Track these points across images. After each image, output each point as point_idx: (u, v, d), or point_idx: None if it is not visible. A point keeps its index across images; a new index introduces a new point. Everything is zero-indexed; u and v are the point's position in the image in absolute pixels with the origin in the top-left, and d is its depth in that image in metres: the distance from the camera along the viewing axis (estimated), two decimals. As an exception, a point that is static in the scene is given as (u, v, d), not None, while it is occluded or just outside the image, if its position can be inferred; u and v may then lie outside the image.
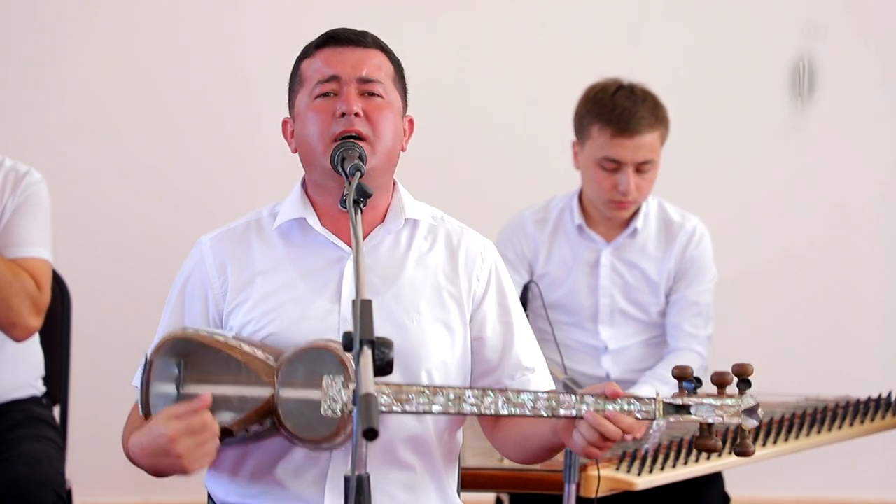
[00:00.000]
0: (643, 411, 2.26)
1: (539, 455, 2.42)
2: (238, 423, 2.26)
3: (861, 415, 3.44)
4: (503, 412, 2.26)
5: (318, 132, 2.38)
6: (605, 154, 3.53)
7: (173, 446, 2.19)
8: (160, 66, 4.76)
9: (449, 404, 2.24)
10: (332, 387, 2.25)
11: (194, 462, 2.20)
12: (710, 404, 2.29)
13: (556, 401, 2.25)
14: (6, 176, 3.27)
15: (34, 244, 3.23)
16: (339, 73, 2.40)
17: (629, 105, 3.52)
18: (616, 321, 3.69)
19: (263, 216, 2.49)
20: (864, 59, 4.87)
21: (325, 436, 2.25)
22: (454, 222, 2.53)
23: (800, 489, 4.92)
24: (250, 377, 2.28)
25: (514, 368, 2.45)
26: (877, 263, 4.96)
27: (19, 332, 3.19)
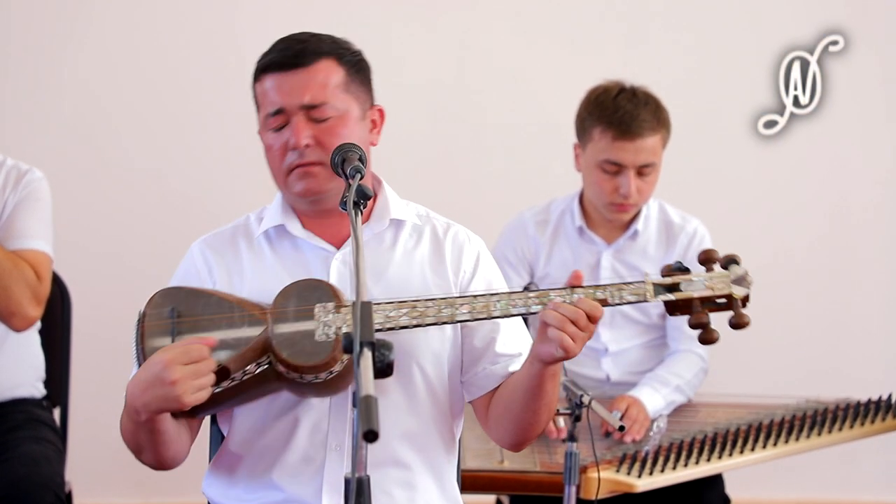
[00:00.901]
0: (634, 294, 2.29)
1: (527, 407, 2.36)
2: (234, 361, 2.24)
3: (861, 417, 3.44)
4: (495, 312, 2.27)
5: (275, 166, 2.42)
6: (607, 157, 3.53)
7: (168, 372, 2.16)
8: (160, 66, 4.76)
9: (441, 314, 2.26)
10: (324, 313, 2.25)
11: (188, 391, 2.17)
12: (699, 280, 2.29)
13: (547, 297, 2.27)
14: (8, 173, 3.29)
15: (34, 237, 3.24)
16: (284, 105, 2.39)
17: (631, 108, 3.52)
18: (616, 323, 3.69)
19: (251, 221, 2.52)
20: (863, 60, 4.87)
21: (323, 360, 2.23)
22: (440, 218, 2.53)
23: (800, 491, 4.91)
24: (243, 316, 2.27)
25: (497, 355, 2.44)
26: (876, 264, 4.96)
27: (19, 321, 3.19)
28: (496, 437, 2.50)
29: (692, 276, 2.30)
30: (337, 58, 2.42)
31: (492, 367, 2.44)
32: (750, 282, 2.31)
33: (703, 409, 3.59)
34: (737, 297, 2.30)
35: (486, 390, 2.46)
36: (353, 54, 2.45)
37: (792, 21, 4.86)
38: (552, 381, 2.34)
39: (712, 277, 2.30)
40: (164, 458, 2.32)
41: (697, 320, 2.30)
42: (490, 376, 2.45)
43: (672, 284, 2.30)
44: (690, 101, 4.84)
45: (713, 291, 2.29)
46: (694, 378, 3.61)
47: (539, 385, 2.33)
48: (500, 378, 2.44)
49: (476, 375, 2.46)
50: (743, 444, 3.31)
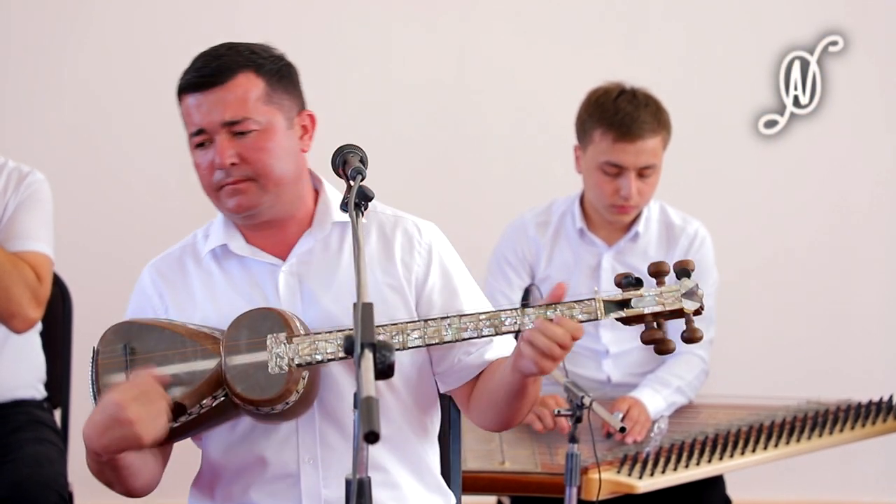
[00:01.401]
0: (584, 312, 2.27)
1: (510, 405, 2.35)
2: (189, 396, 2.24)
3: (861, 418, 3.44)
4: (447, 337, 2.25)
5: (205, 183, 2.41)
6: (607, 159, 3.52)
7: (123, 412, 2.16)
8: (160, 67, 4.74)
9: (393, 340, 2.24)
10: (276, 345, 2.25)
11: (146, 428, 2.16)
12: (649, 295, 2.29)
13: (497, 318, 2.26)
14: (9, 175, 3.29)
15: (35, 238, 3.24)
16: (204, 125, 2.35)
17: (631, 110, 3.51)
18: (617, 325, 3.67)
19: (198, 239, 2.50)
20: (863, 60, 4.86)
21: (278, 393, 2.23)
22: (387, 211, 2.48)
23: (801, 492, 4.91)
24: (196, 350, 2.28)
25: (471, 344, 2.40)
26: (877, 264, 4.96)
27: (19, 322, 3.19)
28: (479, 424, 2.47)
29: (643, 291, 2.29)
30: (255, 69, 2.36)
31: (466, 359, 2.41)
32: (700, 295, 2.30)
33: (703, 410, 3.59)
34: (687, 311, 2.29)
35: (463, 381, 2.43)
36: (274, 61, 2.39)
37: (792, 21, 4.85)
38: (533, 384, 2.32)
39: (662, 293, 2.29)
40: (134, 488, 2.31)
41: (650, 336, 2.30)
42: (466, 367, 2.42)
43: (623, 300, 2.29)
44: (690, 102, 4.84)
45: (664, 307, 2.29)
46: (695, 379, 3.61)
47: (521, 389, 2.32)
48: (476, 368, 2.42)
49: (451, 368, 2.42)
50: (744, 446, 3.31)
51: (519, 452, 3.25)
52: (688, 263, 2.32)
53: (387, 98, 4.80)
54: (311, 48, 4.70)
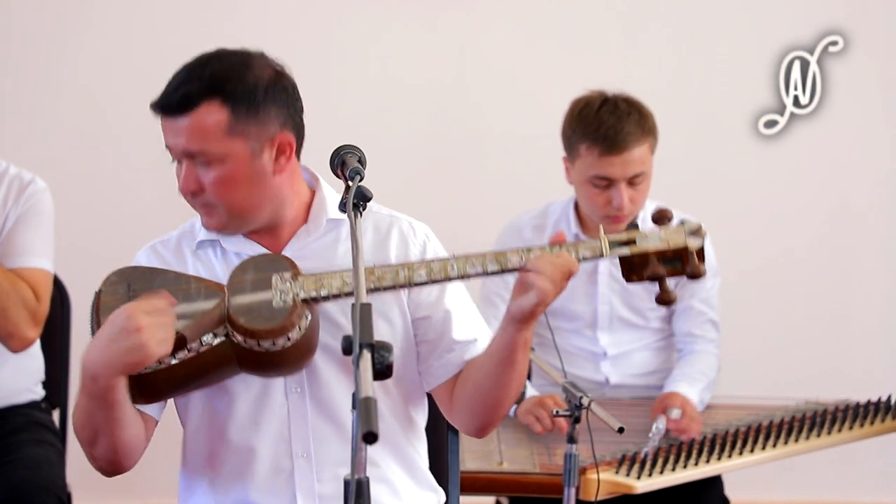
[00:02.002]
0: (589, 249, 2.29)
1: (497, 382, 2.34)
2: (191, 329, 2.21)
3: (861, 418, 3.44)
4: (452, 274, 2.25)
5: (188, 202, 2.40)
6: (595, 172, 3.50)
7: (134, 320, 2.14)
8: (160, 68, 4.72)
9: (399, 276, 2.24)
10: (281, 282, 2.23)
11: (153, 339, 2.14)
12: (653, 234, 2.30)
13: (503, 257, 2.27)
14: (10, 184, 3.26)
15: (35, 254, 3.21)
16: (170, 146, 2.36)
17: (614, 122, 3.47)
18: (615, 327, 3.69)
19: (196, 227, 2.49)
20: (863, 60, 4.86)
21: (280, 324, 2.19)
22: (382, 211, 2.48)
23: (799, 492, 4.91)
24: (199, 289, 2.26)
25: (453, 342, 2.42)
26: (876, 264, 4.96)
27: (16, 343, 3.17)
28: (462, 423, 2.46)
29: (647, 231, 2.30)
30: (222, 98, 2.30)
31: (448, 356, 2.42)
32: (704, 234, 2.30)
33: (703, 410, 3.58)
34: (692, 248, 2.29)
35: (443, 379, 2.43)
36: (246, 88, 2.32)
37: (792, 21, 4.86)
38: (524, 349, 2.31)
39: (667, 230, 2.30)
40: (121, 443, 2.26)
41: (653, 271, 2.29)
42: (446, 365, 2.42)
43: (627, 240, 2.30)
44: (690, 102, 4.85)
45: (668, 244, 2.29)
46: (716, 377, 3.64)
47: (511, 354, 2.30)
48: (456, 366, 2.42)
49: (432, 365, 2.43)
50: (742, 446, 3.31)
51: (517, 453, 3.25)
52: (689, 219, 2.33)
53: (386, 98, 4.80)
54: (310, 48, 4.70)
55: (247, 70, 2.34)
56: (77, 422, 2.28)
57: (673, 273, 2.31)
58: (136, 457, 2.33)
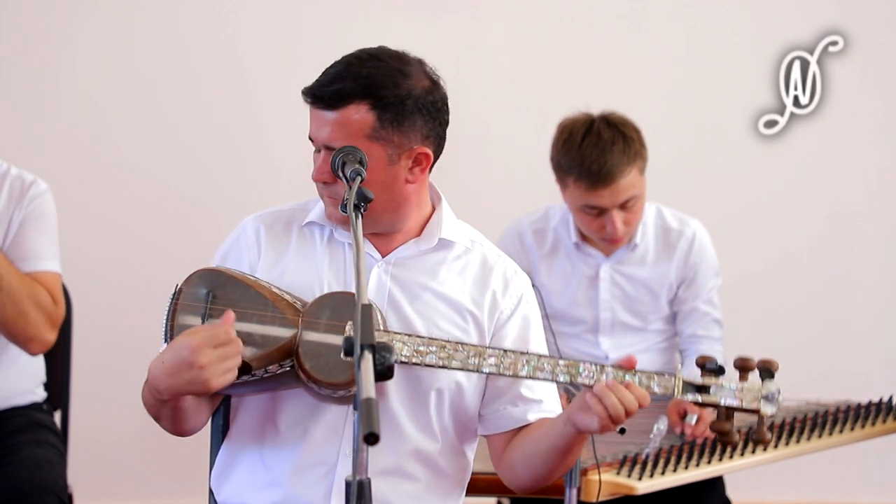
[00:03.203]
0: (662, 386, 2.29)
1: (549, 462, 2.38)
2: (258, 359, 2.26)
3: (861, 419, 3.43)
4: (522, 373, 2.28)
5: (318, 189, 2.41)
6: (585, 202, 3.49)
7: (196, 356, 2.17)
8: (159, 70, 4.76)
9: (469, 361, 2.27)
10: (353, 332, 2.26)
11: (216, 375, 2.18)
12: (729, 388, 2.30)
13: (575, 368, 2.27)
14: (12, 185, 3.27)
15: (45, 257, 3.24)
16: (313, 137, 2.38)
17: (598, 155, 3.43)
18: (617, 332, 3.69)
19: (310, 205, 2.50)
20: (863, 61, 4.87)
21: (344, 380, 2.24)
22: (492, 248, 2.52)
23: (800, 493, 4.91)
24: (275, 316, 2.29)
25: (519, 397, 2.44)
26: (876, 266, 4.96)
27: (36, 346, 3.21)
28: (507, 478, 2.49)
29: (724, 381, 2.31)
30: (371, 102, 2.32)
31: (511, 409, 2.44)
32: (780, 401, 2.32)
33: (703, 411, 3.58)
34: (764, 414, 2.31)
35: (501, 430, 2.46)
36: (399, 97, 2.33)
37: (792, 21, 4.86)
38: (580, 444, 2.35)
39: (743, 388, 2.31)
40: (182, 428, 2.36)
41: (719, 427, 2.31)
42: (507, 418, 2.44)
43: (702, 385, 2.31)
44: (690, 101, 4.86)
45: (741, 403, 2.30)
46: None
47: (567, 446, 2.34)
48: (517, 422, 2.44)
49: (495, 413, 2.45)
50: (744, 447, 3.31)
51: (519, 454, 3.25)
52: (772, 364, 2.35)
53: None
54: (309, 49, 4.70)
55: (402, 78, 2.36)
56: (144, 402, 2.35)
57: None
58: (198, 429, 2.41)
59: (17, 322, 3.14)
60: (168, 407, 2.29)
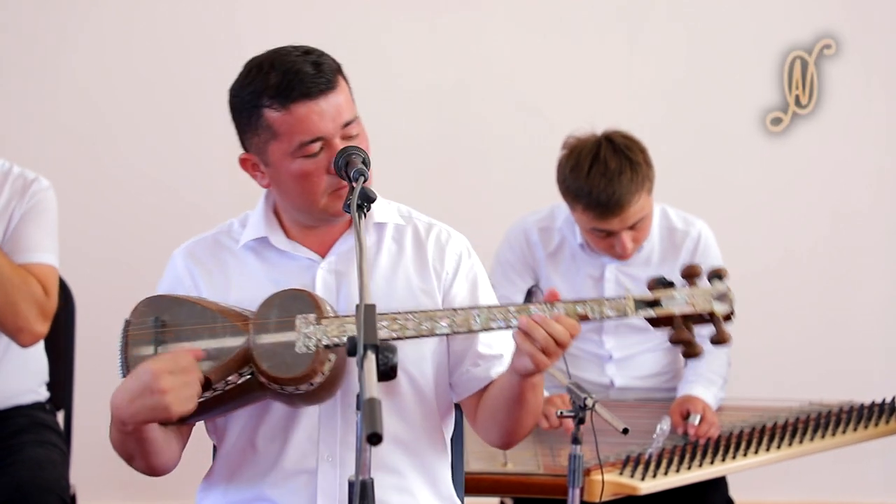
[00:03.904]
0: (614, 308, 2.27)
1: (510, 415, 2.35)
2: (215, 372, 2.25)
3: (864, 419, 3.44)
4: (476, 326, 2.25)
5: (315, 189, 2.35)
6: (594, 226, 3.50)
7: (158, 382, 2.18)
8: (160, 70, 4.75)
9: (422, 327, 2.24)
10: (305, 325, 2.25)
11: (178, 400, 2.18)
12: (680, 296, 2.28)
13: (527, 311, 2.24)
14: (14, 183, 3.28)
15: (41, 250, 3.23)
16: (324, 133, 2.33)
17: (605, 185, 3.42)
18: (621, 332, 3.69)
19: (234, 227, 2.50)
20: (865, 63, 4.86)
21: (303, 372, 2.22)
22: (422, 218, 2.51)
23: (803, 493, 4.91)
24: (225, 326, 2.28)
25: (478, 356, 2.44)
26: (878, 266, 4.96)
27: (26, 337, 3.19)
28: (484, 438, 2.49)
29: (674, 291, 2.29)
30: (339, 69, 2.39)
31: (474, 370, 2.44)
32: (732, 299, 2.30)
33: (715, 409, 3.58)
34: (718, 314, 2.29)
35: (470, 392, 2.46)
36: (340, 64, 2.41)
37: (794, 24, 4.86)
38: (532, 391, 2.33)
39: (694, 294, 2.29)
40: (155, 465, 2.34)
41: (678, 336, 2.29)
42: (473, 379, 2.45)
43: (653, 300, 2.29)
44: (692, 101, 4.85)
45: (694, 308, 2.28)
46: (727, 375, 3.63)
47: (520, 395, 2.33)
48: (482, 381, 2.44)
49: (460, 377, 2.45)
50: (746, 447, 3.31)
51: (521, 454, 3.25)
52: (721, 271, 2.32)
53: (387, 100, 4.79)
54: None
55: None
56: (112, 442, 2.34)
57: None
58: (172, 466, 2.38)
59: (6, 312, 3.13)
60: (133, 439, 2.26)
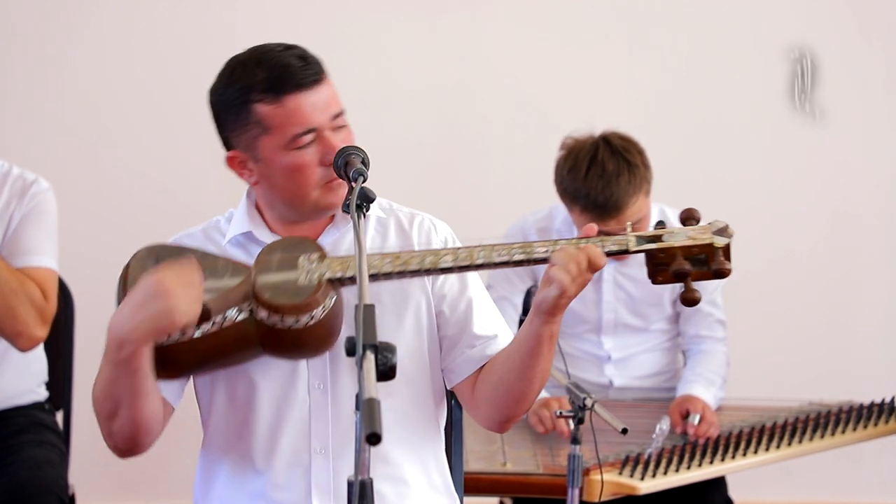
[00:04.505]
0: (615, 243, 2.26)
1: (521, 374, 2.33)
2: (216, 301, 2.21)
3: (864, 419, 3.44)
4: (479, 260, 2.24)
5: (308, 182, 2.36)
6: None
7: (162, 284, 2.16)
8: (160, 71, 4.75)
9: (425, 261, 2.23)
10: (308, 262, 2.24)
11: (182, 304, 2.15)
12: (680, 231, 2.28)
13: (530, 247, 2.25)
14: (13, 184, 3.26)
15: (40, 253, 3.22)
16: (316, 124, 2.34)
17: (603, 187, 3.42)
18: (619, 332, 3.69)
19: (221, 223, 2.50)
20: (866, 62, 4.86)
21: (304, 300, 2.19)
22: (404, 209, 2.51)
23: (802, 493, 4.91)
24: (227, 266, 2.27)
25: (474, 338, 2.43)
26: (879, 265, 4.96)
27: (24, 341, 3.17)
28: (484, 416, 2.44)
29: (674, 228, 2.29)
30: (322, 63, 2.41)
31: (469, 352, 2.43)
32: (731, 233, 2.29)
33: (715, 409, 3.58)
34: (718, 245, 2.28)
35: (465, 375, 2.44)
36: None
37: (795, 22, 4.86)
38: (550, 342, 2.30)
39: (694, 229, 2.29)
40: (141, 416, 2.25)
41: (679, 267, 2.26)
42: (468, 360, 2.43)
43: (653, 236, 2.28)
44: (692, 101, 4.85)
45: (695, 241, 2.27)
46: (726, 375, 3.64)
47: (537, 345, 2.29)
48: (478, 362, 2.43)
49: (454, 361, 2.44)
50: (746, 447, 3.31)
51: (520, 454, 3.25)
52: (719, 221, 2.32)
53: (387, 100, 4.80)
54: (309, 49, 4.69)
55: None
56: (98, 394, 2.28)
57: (699, 275, 2.28)
58: (152, 435, 2.32)
59: (4, 317, 3.10)
60: (126, 371, 2.19)
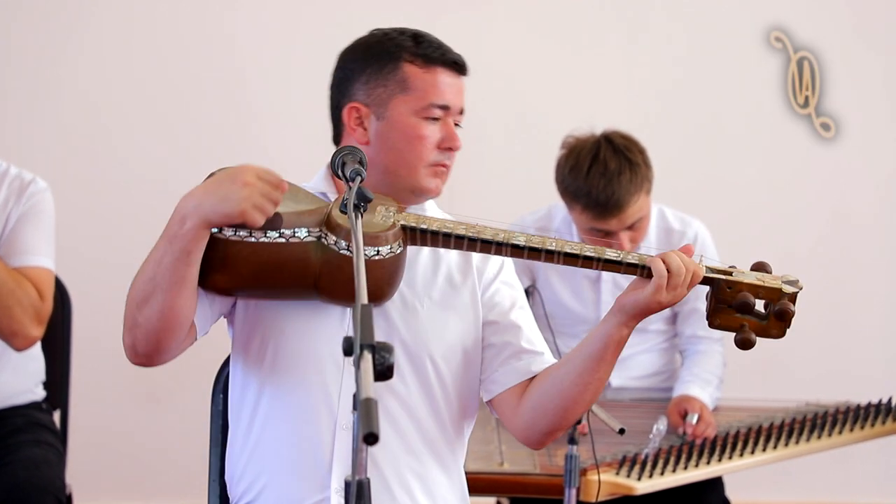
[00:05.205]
0: None
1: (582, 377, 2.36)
2: (291, 216, 2.23)
3: (861, 420, 3.44)
4: (551, 246, 2.31)
5: (421, 155, 2.43)
6: (592, 226, 3.49)
7: (244, 174, 2.17)
8: (159, 71, 4.75)
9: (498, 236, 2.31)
10: (386, 210, 2.30)
11: (253, 197, 2.16)
12: (751, 272, 2.34)
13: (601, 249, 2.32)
14: (11, 184, 3.27)
15: (37, 253, 3.22)
16: (451, 104, 2.45)
17: (604, 185, 3.42)
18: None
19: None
20: (866, 63, 4.86)
21: (377, 231, 2.23)
22: None
23: (800, 494, 4.91)
24: (308, 197, 2.31)
25: (521, 350, 2.45)
26: (877, 267, 4.96)
27: (20, 341, 3.17)
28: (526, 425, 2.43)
29: (745, 270, 2.34)
30: None
31: (516, 363, 2.44)
32: (801, 286, 2.33)
33: (712, 409, 3.58)
34: (786, 291, 2.32)
35: (507, 386, 2.44)
36: None
37: (795, 23, 4.86)
38: (616, 348, 2.37)
39: (764, 276, 2.34)
40: (172, 308, 2.24)
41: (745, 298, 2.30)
42: (513, 371, 2.44)
43: (724, 271, 2.33)
44: (691, 103, 4.85)
45: (763, 282, 2.31)
46: (723, 375, 3.64)
47: (603, 348, 2.35)
48: (522, 374, 2.43)
49: (497, 371, 2.45)
50: (743, 447, 3.31)
51: (518, 454, 3.25)
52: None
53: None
54: (308, 49, 4.70)
55: None
56: (138, 277, 2.30)
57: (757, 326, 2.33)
58: (174, 341, 2.29)
59: (0, 316, 3.12)
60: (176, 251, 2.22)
